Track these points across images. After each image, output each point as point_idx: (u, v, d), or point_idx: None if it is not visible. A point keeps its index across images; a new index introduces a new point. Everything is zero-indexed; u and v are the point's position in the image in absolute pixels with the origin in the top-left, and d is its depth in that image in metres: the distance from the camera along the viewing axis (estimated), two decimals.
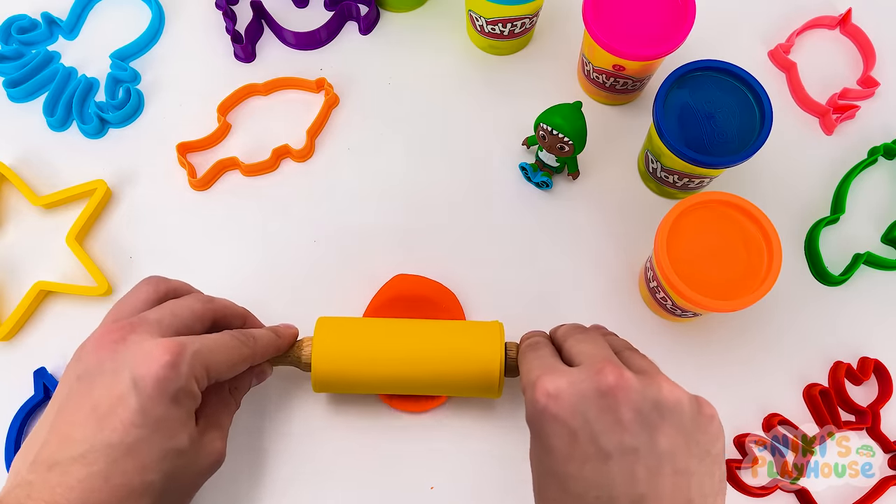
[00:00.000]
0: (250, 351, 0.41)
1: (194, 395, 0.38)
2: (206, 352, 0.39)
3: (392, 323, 0.47)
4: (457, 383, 0.45)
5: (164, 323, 0.39)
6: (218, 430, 0.41)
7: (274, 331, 0.44)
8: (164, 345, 0.37)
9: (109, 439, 0.35)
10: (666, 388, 0.35)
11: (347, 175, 0.56)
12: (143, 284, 0.42)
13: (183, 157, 0.55)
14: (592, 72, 0.54)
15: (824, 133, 0.57)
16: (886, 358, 0.50)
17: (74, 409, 0.36)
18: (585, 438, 0.34)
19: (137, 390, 0.36)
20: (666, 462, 0.34)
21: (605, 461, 0.34)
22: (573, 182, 0.55)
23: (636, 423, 0.34)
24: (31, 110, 0.58)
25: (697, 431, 0.35)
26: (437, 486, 0.48)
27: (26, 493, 0.34)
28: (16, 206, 0.55)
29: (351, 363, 0.45)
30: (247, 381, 0.44)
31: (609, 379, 0.35)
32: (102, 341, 0.38)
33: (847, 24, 0.59)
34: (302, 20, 0.59)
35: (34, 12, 0.60)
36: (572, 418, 0.35)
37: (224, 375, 0.40)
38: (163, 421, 0.36)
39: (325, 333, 0.45)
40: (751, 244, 0.44)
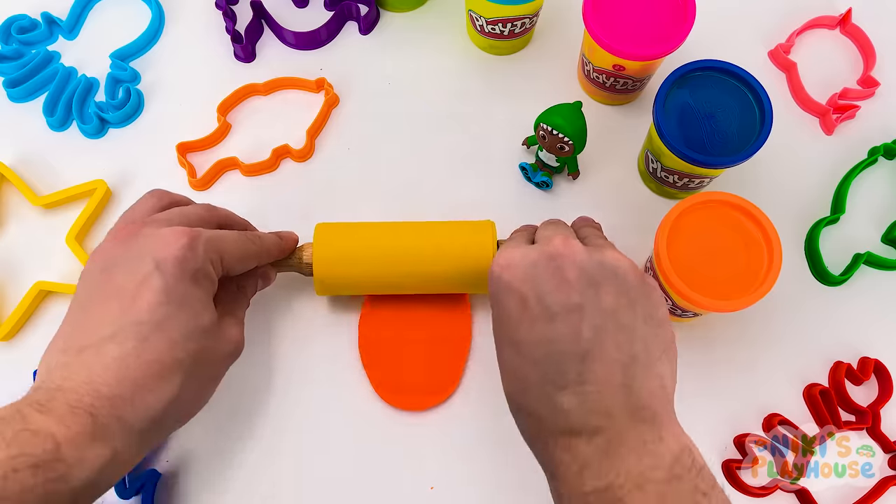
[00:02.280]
0: (257, 248, 0.44)
1: (211, 277, 0.40)
2: (218, 240, 0.41)
3: (389, 224, 0.49)
4: (453, 278, 0.47)
5: (173, 221, 0.41)
6: (234, 318, 0.43)
7: (277, 235, 0.47)
8: (180, 230, 0.39)
9: (138, 318, 0.36)
10: (610, 254, 0.38)
11: (347, 175, 0.56)
12: (148, 196, 0.44)
13: (183, 157, 0.55)
14: (592, 72, 0.54)
15: (824, 133, 0.57)
16: (886, 358, 0.50)
17: (100, 296, 0.38)
18: (534, 301, 0.37)
19: (160, 271, 0.37)
20: (609, 319, 0.36)
21: (552, 320, 0.36)
22: (573, 182, 0.55)
23: (580, 282, 0.37)
24: (31, 110, 0.58)
25: (641, 295, 0.37)
26: (436, 487, 0.48)
27: (62, 375, 0.35)
28: (16, 206, 0.55)
29: (351, 262, 0.47)
30: (253, 282, 0.46)
31: (556, 245, 0.38)
32: (118, 236, 0.40)
33: (847, 24, 0.59)
34: (302, 20, 0.59)
35: (34, 12, 0.60)
36: (522, 284, 0.37)
37: (235, 267, 0.42)
38: (186, 299, 0.38)
39: (325, 236, 0.47)
40: (751, 244, 0.44)
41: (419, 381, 0.49)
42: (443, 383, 0.50)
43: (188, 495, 0.48)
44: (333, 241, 0.47)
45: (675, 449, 0.34)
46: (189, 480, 0.48)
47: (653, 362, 0.36)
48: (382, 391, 0.49)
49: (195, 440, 0.49)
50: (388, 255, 0.47)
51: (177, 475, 0.48)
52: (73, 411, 0.34)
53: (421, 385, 0.49)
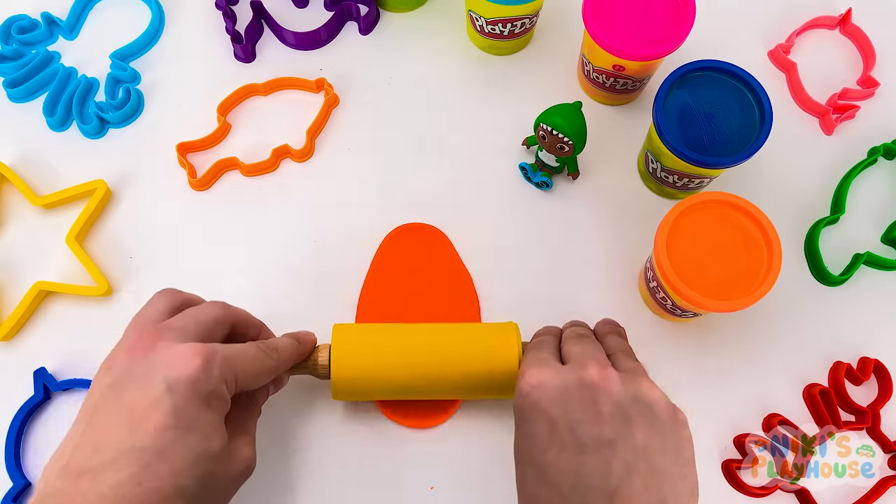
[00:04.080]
0: (274, 363, 0.42)
1: (225, 399, 0.38)
2: (235, 359, 0.39)
3: (408, 327, 0.47)
4: (475, 385, 0.45)
5: (188, 329, 0.39)
6: (246, 436, 0.41)
7: (295, 338, 0.44)
8: (196, 348, 0.37)
9: (142, 443, 0.34)
10: (645, 387, 0.37)
11: (347, 175, 0.56)
12: (159, 296, 0.42)
13: (183, 157, 0.55)
14: (592, 72, 0.54)
15: (824, 133, 0.57)
16: (886, 358, 0.50)
17: (106, 415, 0.36)
18: (564, 428, 0.35)
19: (171, 392, 0.35)
20: (641, 458, 0.35)
21: (582, 452, 0.35)
22: (573, 182, 0.55)
23: (614, 417, 0.35)
24: (31, 110, 0.58)
25: (672, 433, 0.36)
26: (436, 487, 0.48)
27: (57, 501, 0.34)
28: (16, 206, 0.55)
29: (370, 368, 0.44)
30: (265, 389, 0.44)
31: (592, 373, 0.37)
32: (132, 349, 0.38)
33: (847, 24, 0.59)
34: (302, 20, 0.59)
35: (34, 12, 0.60)
36: (553, 408, 0.36)
37: (250, 384, 0.40)
38: (195, 423, 0.36)
39: (343, 339, 0.45)
40: (751, 244, 0.44)
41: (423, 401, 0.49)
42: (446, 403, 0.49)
43: None
44: (352, 347, 0.45)
45: None
46: None
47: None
48: (386, 408, 0.49)
49: None
50: (408, 364, 0.45)
51: None
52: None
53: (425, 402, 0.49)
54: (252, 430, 0.42)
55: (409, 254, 0.53)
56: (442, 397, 0.47)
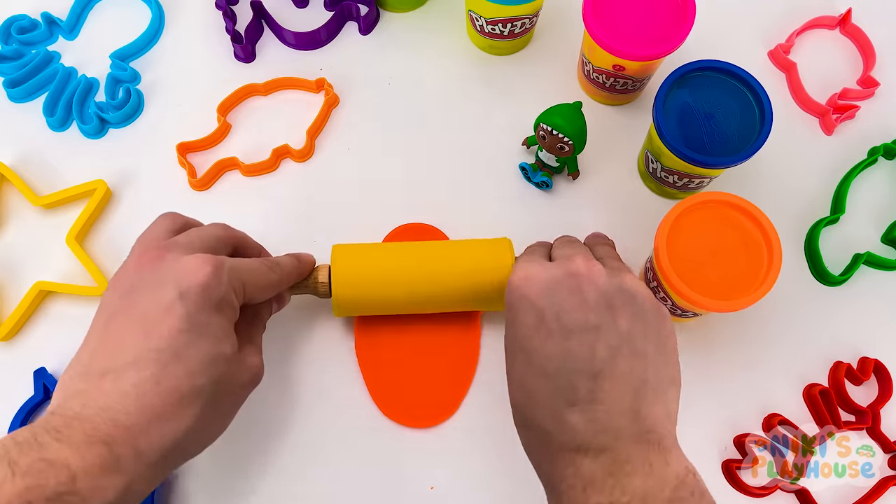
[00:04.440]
0: (278, 277, 0.44)
1: (234, 306, 0.40)
2: (241, 269, 0.41)
3: (405, 245, 0.49)
4: (471, 296, 0.47)
5: (194, 245, 0.41)
6: (253, 346, 0.42)
7: (295, 257, 0.46)
8: (205, 258, 0.39)
9: (158, 345, 0.36)
10: (629, 279, 0.39)
11: (347, 175, 0.56)
12: (161, 219, 0.44)
13: (183, 157, 0.55)
14: (592, 72, 0.54)
15: (824, 133, 0.57)
16: (886, 358, 0.50)
17: (121, 322, 0.37)
18: (551, 316, 0.37)
19: (183, 298, 0.37)
20: (624, 342, 0.36)
21: (567, 337, 0.36)
22: (573, 182, 0.55)
23: (599, 304, 0.37)
24: (31, 110, 0.58)
25: (655, 323, 0.38)
26: (436, 487, 0.48)
27: (80, 402, 0.35)
28: (16, 206, 0.55)
29: (369, 282, 0.46)
30: (268, 306, 0.46)
31: (578, 265, 0.39)
32: (141, 261, 0.40)
33: (847, 24, 0.59)
34: (302, 20, 0.59)
35: (34, 12, 0.60)
36: (540, 298, 0.38)
37: (256, 296, 0.42)
38: (207, 327, 0.37)
39: (342, 258, 0.47)
40: (751, 244, 0.44)
41: (423, 399, 0.49)
42: (448, 401, 0.49)
43: (188, 495, 0.48)
44: (351, 264, 0.47)
45: (680, 472, 0.34)
46: (189, 481, 0.48)
47: (662, 389, 0.37)
48: (386, 408, 0.49)
49: None
50: (406, 276, 0.46)
51: (177, 475, 0.48)
52: (89, 441, 0.33)
53: (425, 402, 0.49)
54: (258, 342, 0.44)
55: None
56: (439, 310, 0.49)
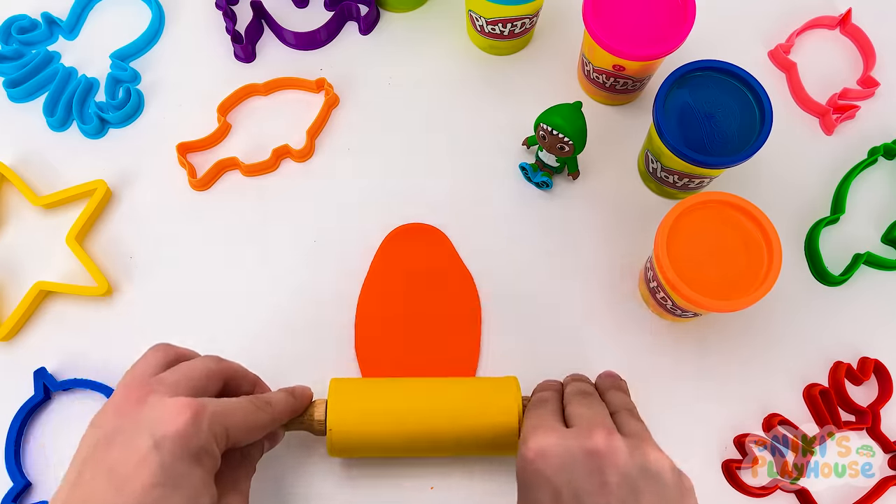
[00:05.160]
0: (268, 417, 0.40)
1: (215, 455, 0.37)
2: (226, 413, 0.38)
3: (406, 382, 0.46)
4: (475, 443, 0.44)
5: (181, 384, 0.38)
6: (237, 495, 0.40)
7: (290, 392, 0.43)
8: (185, 402, 0.36)
9: (128, 503, 0.33)
10: (653, 456, 0.36)
11: (347, 175, 0.56)
12: (152, 351, 0.41)
13: (183, 157, 0.55)
14: (592, 72, 0.54)
15: (824, 133, 0.57)
16: (886, 358, 0.50)
17: (92, 475, 0.35)
18: (569, 497, 0.34)
19: (158, 449, 0.34)
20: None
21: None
22: (573, 182, 0.55)
23: (621, 488, 0.34)
24: (31, 110, 0.58)
25: (678, 502, 0.35)
26: (436, 487, 0.48)
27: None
28: (16, 206, 0.55)
29: (367, 426, 0.43)
30: (259, 445, 0.43)
31: (598, 441, 0.35)
32: (121, 405, 0.37)
33: (847, 24, 0.59)
34: (302, 20, 0.59)
35: (34, 12, 0.60)
36: (557, 476, 0.35)
37: (242, 440, 0.39)
38: (184, 479, 0.35)
39: (340, 396, 0.44)
40: (751, 244, 0.44)
41: None
42: None
43: None
44: (349, 402, 0.44)
45: None
46: None
47: None
48: None
49: None
50: (406, 421, 0.44)
51: None
52: None
53: None
54: (244, 489, 0.41)
55: (409, 254, 0.53)
56: (441, 455, 0.47)
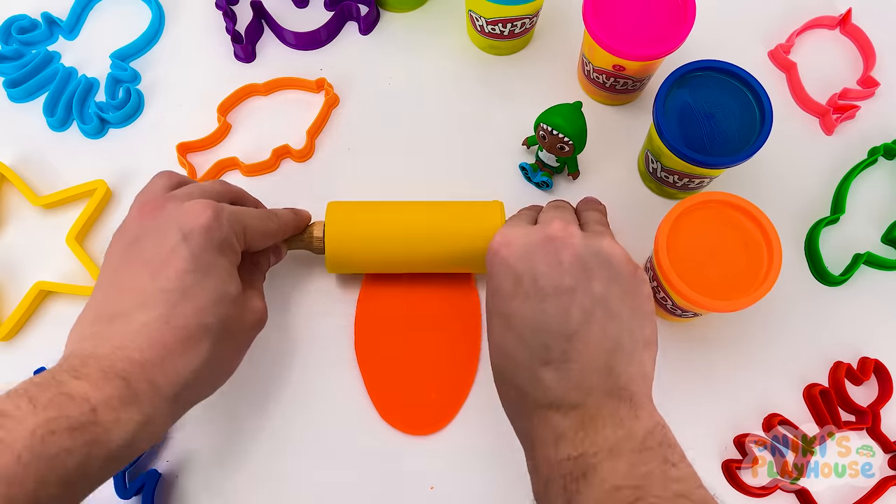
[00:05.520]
0: (276, 226, 0.45)
1: (235, 249, 0.41)
2: (241, 214, 0.42)
3: (399, 204, 0.50)
4: (461, 257, 0.48)
5: (193, 195, 0.42)
6: (255, 290, 0.44)
7: (292, 210, 0.48)
8: (205, 203, 0.40)
9: (165, 286, 0.37)
10: (606, 243, 0.39)
11: (347, 175, 0.56)
12: (158, 176, 0.44)
13: (183, 157, 0.55)
14: (592, 72, 0.54)
15: (824, 133, 0.57)
16: (886, 358, 0.50)
17: (127, 268, 0.39)
18: (528, 279, 0.38)
19: (186, 241, 0.38)
20: (599, 305, 0.37)
21: (543, 300, 0.37)
22: (573, 182, 0.55)
23: (574, 267, 0.38)
24: (31, 110, 0.58)
25: (631, 287, 0.38)
26: (436, 487, 0.48)
27: (93, 343, 0.36)
28: (16, 206, 0.55)
29: (362, 240, 0.48)
30: (266, 256, 0.47)
31: (555, 229, 0.39)
32: (142, 212, 0.41)
33: (847, 24, 0.59)
34: (302, 20, 0.59)
35: (34, 12, 0.60)
36: (518, 262, 0.39)
37: (255, 243, 0.43)
38: (212, 267, 0.39)
39: (337, 215, 0.48)
40: (751, 244, 0.44)
41: (424, 403, 0.49)
42: (448, 404, 0.49)
43: (188, 495, 0.48)
44: (345, 220, 0.48)
45: (649, 425, 0.35)
46: (189, 480, 0.48)
47: (636, 352, 0.38)
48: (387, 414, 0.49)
49: (195, 440, 0.49)
50: (398, 234, 0.48)
51: (177, 475, 0.48)
52: (106, 376, 0.34)
53: (426, 407, 0.49)
54: (260, 287, 0.45)
55: None
56: (430, 270, 0.50)
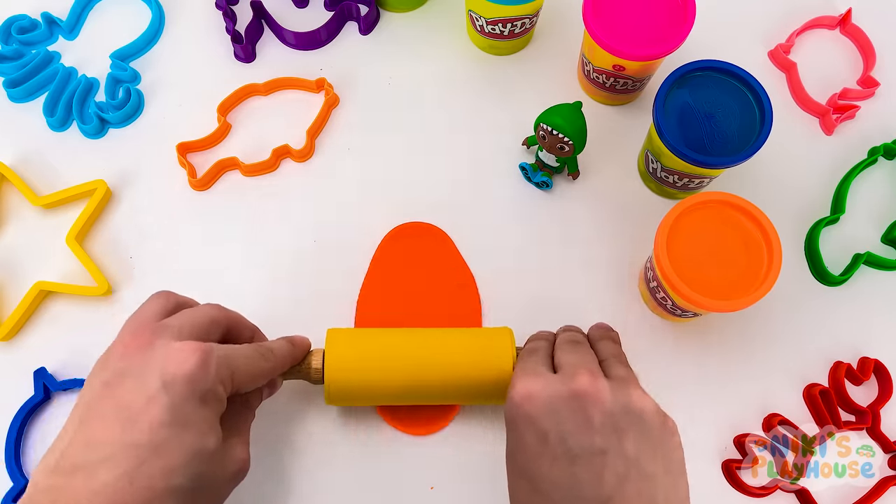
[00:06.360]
0: (270, 364, 0.42)
1: (221, 398, 0.38)
2: (232, 358, 0.39)
3: (402, 332, 0.47)
4: (469, 391, 0.45)
5: (185, 329, 0.39)
6: (240, 438, 0.40)
7: (289, 341, 0.44)
8: (193, 345, 0.37)
9: (137, 440, 0.34)
10: (636, 396, 0.37)
11: (347, 175, 0.56)
12: (154, 298, 0.41)
13: (183, 157, 0.55)
14: (592, 72, 0.54)
15: (824, 133, 0.57)
16: (886, 358, 0.50)
17: (100, 413, 0.35)
18: (555, 439, 0.36)
19: (167, 389, 0.35)
20: (632, 466, 0.35)
21: (573, 462, 0.35)
22: (573, 182, 0.55)
23: (605, 427, 0.35)
24: (31, 110, 0.58)
25: (662, 442, 0.36)
26: (436, 487, 0.48)
27: (51, 498, 0.33)
28: (16, 206, 0.55)
29: (363, 374, 0.44)
30: (258, 393, 0.44)
31: (582, 383, 0.37)
32: (128, 347, 0.37)
33: (847, 24, 0.59)
34: (302, 20, 0.59)
35: (34, 12, 0.60)
36: (544, 418, 0.36)
37: (246, 385, 0.40)
38: (192, 420, 0.36)
39: (337, 344, 0.45)
40: (751, 244, 0.44)
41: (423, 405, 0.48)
42: (447, 407, 0.49)
43: None
44: (346, 350, 0.45)
45: None
46: None
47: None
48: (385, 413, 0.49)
49: None
50: (403, 367, 0.45)
51: None
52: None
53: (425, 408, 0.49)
54: (246, 433, 0.42)
55: (410, 253, 0.53)
56: (435, 402, 0.47)
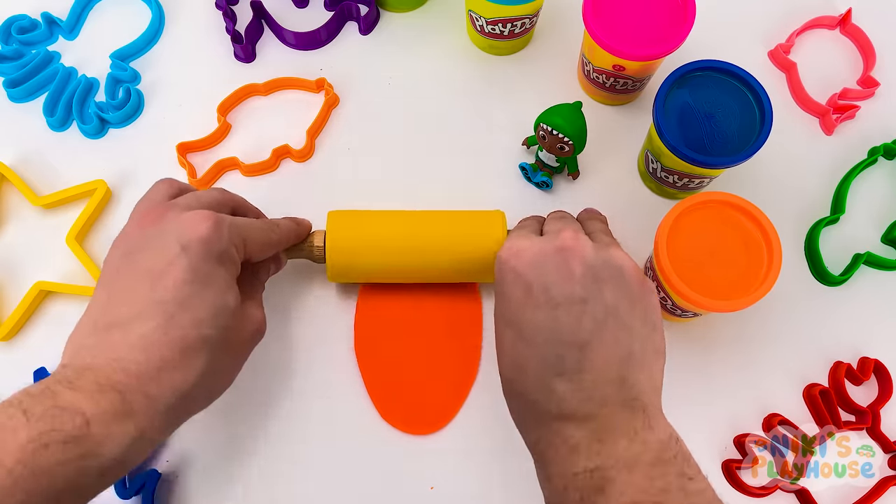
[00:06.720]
0: (277, 236, 0.45)
1: (235, 261, 0.41)
2: (241, 226, 0.42)
3: (400, 213, 0.49)
4: (463, 267, 0.48)
5: (193, 206, 0.41)
6: (254, 301, 0.44)
7: (293, 220, 0.48)
8: (205, 213, 0.40)
9: (163, 297, 0.37)
10: (616, 253, 0.40)
11: (347, 175, 0.56)
12: (159, 183, 0.44)
13: (183, 157, 0.55)
14: (592, 72, 0.54)
15: (824, 133, 0.57)
16: (886, 358, 0.50)
17: (126, 279, 0.39)
18: (539, 289, 0.38)
19: (186, 251, 0.38)
20: (610, 315, 0.37)
21: (555, 309, 0.37)
22: (573, 182, 0.55)
23: (585, 277, 0.38)
24: (31, 110, 0.58)
25: (640, 297, 0.39)
26: (436, 487, 0.48)
27: (91, 353, 0.36)
28: (16, 206, 0.55)
29: (364, 250, 0.47)
30: (266, 266, 0.47)
31: (565, 239, 0.40)
32: (143, 221, 0.41)
33: (847, 24, 0.59)
34: (302, 20, 0.59)
35: (34, 12, 0.60)
36: (529, 272, 0.39)
37: (255, 254, 0.43)
38: (211, 278, 0.38)
39: (338, 224, 0.48)
40: (751, 244, 0.44)
41: (423, 403, 0.49)
42: (448, 404, 0.49)
43: (188, 495, 0.48)
44: (346, 229, 0.48)
45: (664, 437, 0.35)
46: (189, 480, 0.48)
47: (647, 362, 0.38)
48: (387, 414, 0.49)
49: (195, 440, 0.49)
50: (400, 244, 0.48)
51: (177, 475, 0.48)
52: (101, 388, 0.34)
53: (426, 407, 0.49)
54: (259, 298, 0.45)
55: None
56: (430, 279, 0.50)
